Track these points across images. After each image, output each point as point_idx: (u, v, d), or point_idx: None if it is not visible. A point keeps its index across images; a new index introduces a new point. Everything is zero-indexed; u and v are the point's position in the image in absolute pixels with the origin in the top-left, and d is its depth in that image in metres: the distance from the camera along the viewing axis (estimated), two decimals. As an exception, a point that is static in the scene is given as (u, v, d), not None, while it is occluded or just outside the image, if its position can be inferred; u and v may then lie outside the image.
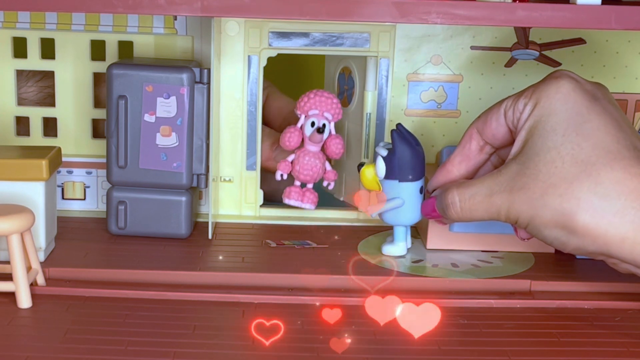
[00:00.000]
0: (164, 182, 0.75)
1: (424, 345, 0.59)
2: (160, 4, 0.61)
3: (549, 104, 0.62)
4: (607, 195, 0.59)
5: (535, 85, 0.64)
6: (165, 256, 0.72)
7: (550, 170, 0.61)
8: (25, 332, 0.59)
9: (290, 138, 0.78)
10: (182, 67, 0.74)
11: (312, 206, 0.80)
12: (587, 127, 0.61)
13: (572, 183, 0.60)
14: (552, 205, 0.60)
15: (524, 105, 0.64)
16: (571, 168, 0.60)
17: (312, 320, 0.62)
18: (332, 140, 0.79)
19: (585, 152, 0.60)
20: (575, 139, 0.61)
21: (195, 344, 0.58)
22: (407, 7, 0.62)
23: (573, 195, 0.60)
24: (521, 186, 0.62)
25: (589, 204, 0.59)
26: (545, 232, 0.61)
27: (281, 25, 0.79)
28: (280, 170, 0.79)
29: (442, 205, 0.67)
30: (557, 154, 0.61)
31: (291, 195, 0.79)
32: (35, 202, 0.68)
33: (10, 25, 0.79)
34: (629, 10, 0.62)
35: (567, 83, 0.63)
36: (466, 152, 0.69)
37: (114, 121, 0.74)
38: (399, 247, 0.73)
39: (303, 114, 0.78)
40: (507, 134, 0.66)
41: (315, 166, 0.79)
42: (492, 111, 0.67)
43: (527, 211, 0.61)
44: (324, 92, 0.79)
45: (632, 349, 0.60)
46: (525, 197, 0.61)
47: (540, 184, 0.61)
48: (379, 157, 0.71)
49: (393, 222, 0.73)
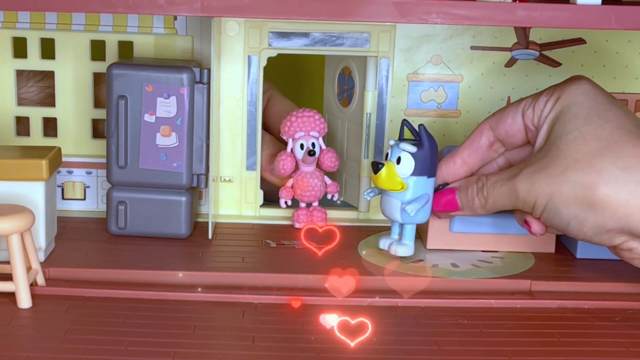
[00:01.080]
0: (164, 182, 0.75)
1: (424, 345, 0.59)
2: (160, 4, 0.61)
3: (570, 97, 0.64)
4: (628, 167, 0.60)
5: (555, 85, 0.66)
6: (165, 256, 0.72)
7: (572, 147, 0.62)
8: (25, 332, 0.59)
9: (284, 166, 0.78)
10: (182, 67, 0.74)
11: (323, 223, 0.80)
12: (608, 113, 0.63)
13: (594, 157, 0.61)
14: (573, 179, 0.61)
15: (545, 102, 0.65)
16: (594, 144, 0.61)
17: (312, 320, 0.62)
18: (325, 155, 0.79)
19: (608, 131, 0.61)
20: (597, 121, 0.62)
21: (195, 344, 0.58)
22: (407, 7, 0.62)
23: (594, 168, 0.60)
24: (543, 166, 0.63)
25: (610, 175, 0.60)
26: (564, 211, 0.62)
27: (281, 25, 0.79)
28: (283, 198, 0.80)
29: (467, 193, 0.68)
30: (579, 134, 0.62)
31: (300, 219, 0.80)
32: (35, 202, 0.68)
33: (10, 25, 0.79)
34: (629, 10, 0.62)
35: (587, 83, 0.65)
36: (475, 147, 0.69)
37: (114, 121, 0.74)
38: (409, 247, 0.71)
39: (289, 138, 0.78)
40: (522, 133, 0.67)
41: (315, 186, 0.79)
42: (509, 109, 0.68)
43: (547, 188, 0.62)
44: (305, 111, 0.79)
45: (632, 349, 0.60)
46: (545, 175, 0.62)
47: (562, 160, 0.62)
48: (405, 153, 0.69)
49: (411, 221, 0.71)
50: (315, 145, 0.78)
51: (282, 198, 0.80)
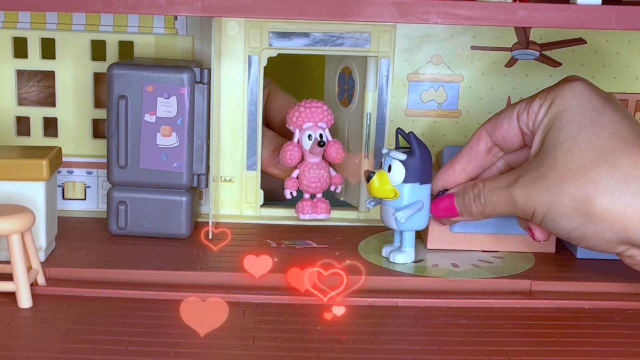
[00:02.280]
0: (165, 182, 0.75)
1: (424, 345, 0.59)
2: (161, 4, 0.61)
3: (563, 102, 0.64)
4: (625, 178, 0.60)
5: (549, 88, 0.66)
6: (165, 256, 0.72)
7: (567, 158, 0.61)
8: (26, 332, 0.59)
9: (291, 156, 0.78)
10: (182, 67, 0.74)
11: (327, 215, 0.80)
12: (602, 120, 0.62)
13: (589, 169, 0.60)
14: (569, 191, 0.61)
15: (539, 106, 0.65)
16: (589, 154, 0.61)
17: (312, 320, 0.62)
18: (331, 146, 0.79)
19: (602, 140, 0.61)
20: (591, 129, 0.62)
21: (195, 344, 0.58)
22: (407, 7, 0.62)
23: (590, 180, 0.60)
24: (539, 176, 0.62)
25: (606, 187, 0.60)
26: (563, 222, 0.62)
27: (281, 25, 0.79)
28: (288, 189, 0.80)
29: (466, 200, 0.67)
30: (573, 143, 0.62)
31: (304, 210, 0.80)
32: (35, 202, 0.68)
33: (10, 25, 0.79)
34: (629, 10, 0.62)
35: (581, 84, 0.64)
36: (474, 153, 0.69)
37: (114, 121, 0.74)
38: (409, 255, 0.72)
39: (297, 128, 0.78)
40: (518, 138, 0.67)
41: (321, 177, 0.79)
42: (504, 114, 0.67)
43: (545, 199, 0.62)
44: (312, 101, 0.79)
45: (632, 349, 0.60)
46: (543, 186, 0.62)
47: (558, 171, 0.61)
48: (395, 161, 0.69)
49: (408, 228, 0.71)
50: (323, 136, 0.78)
51: (287, 189, 0.80)
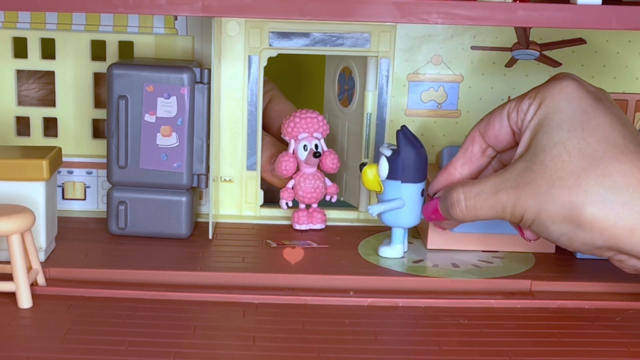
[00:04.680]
0: (165, 182, 0.75)
1: (424, 345, 0.59)
2: (161, 4, 0.61)
3: (553, 103, 0.63)
4: (615, 187, 0.59)
5: (539, 86, 0.65)
6: (165, 256, 0.72)
7: (557, 164, 0.61)
8: (26, 332, 0.59)
9: (286, 167, 0.78)
10: (182, 67, 0.74)
11: (323, 225, 0.80)
12: (592, 124, 0.61)
13: (579, 176, 0.60)
14: (559, 199, 0.60)
15: (528, 105, 0.64)
16: (578, 161, 0.60)
17: (312, 321, 0.62)
18: (327, 156, 0.79)
19: (592, 146, 0.60)
20: (581, 134, 0.61)
21: (195, 344, 0.58)
22: (407, 7, 0.62)
23: (580, 188, 0.60)
24: (528, 181, 0.62)
25: (596, 196, 0.59)
26: (552, 228, 0.61)
27: (281, 25, 0.79)
28: (284, 199, 0.80)
29: (446, 205, 0.67)
30: (563, 148, 0.61)
31: (300, 220, 0.80)
32: (35, 202, 0.68)
33: (10, 25, 0.79)
34: (629, 10, 0.62)
35: (571, 83, 0.63)
36: (468, 155, 0.69)
37: (114, 121, 0.74)
38: (395, 250, 0.73)
39: (292, 139, 0.78)
40: (510, 136, 0.66)
41: (317, 187, 0.79)
42: (494, 114, 0.67)
43: (534, 206, 0.61)
44: (308, 112, 0.79)
45: (632, 349, 0.60)
46: (531, 192, 0.61)
47: (547, 177, 0.61)
48: (382, 157, 0.71)
49: (392, 224, 0.72)
50: (318, 146, 0.78)
51: (283, 199, 0.80)
